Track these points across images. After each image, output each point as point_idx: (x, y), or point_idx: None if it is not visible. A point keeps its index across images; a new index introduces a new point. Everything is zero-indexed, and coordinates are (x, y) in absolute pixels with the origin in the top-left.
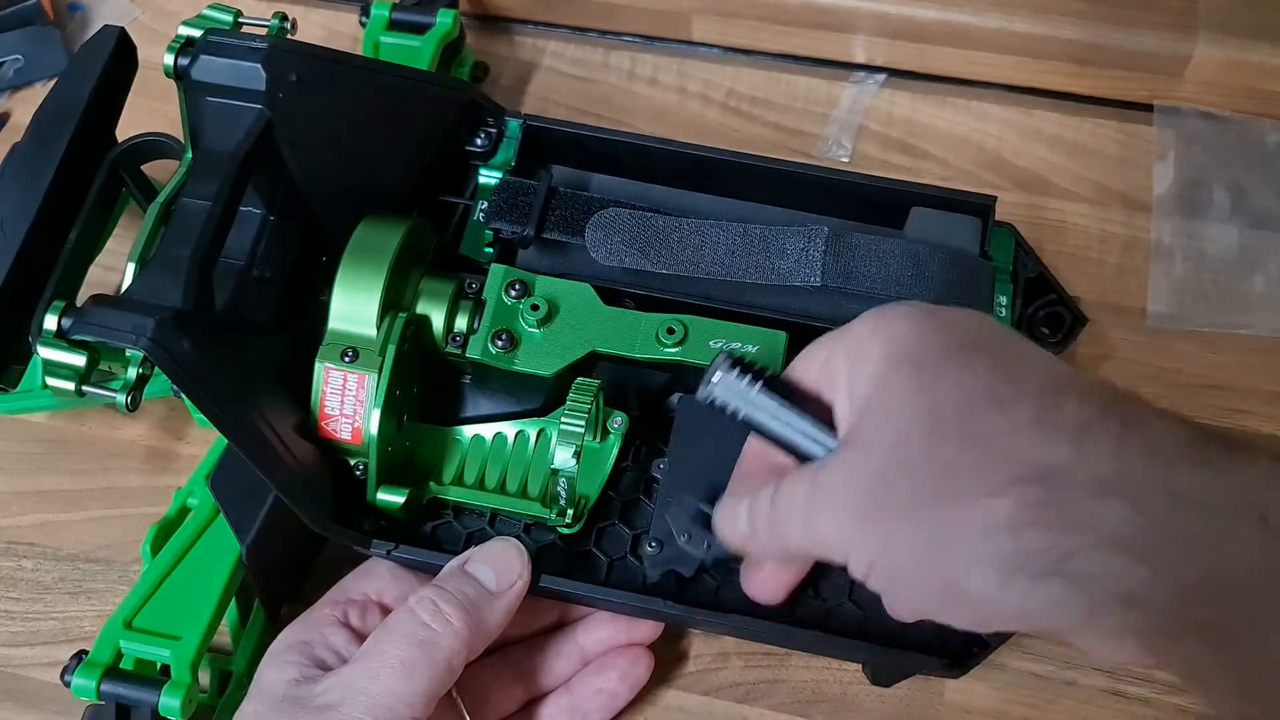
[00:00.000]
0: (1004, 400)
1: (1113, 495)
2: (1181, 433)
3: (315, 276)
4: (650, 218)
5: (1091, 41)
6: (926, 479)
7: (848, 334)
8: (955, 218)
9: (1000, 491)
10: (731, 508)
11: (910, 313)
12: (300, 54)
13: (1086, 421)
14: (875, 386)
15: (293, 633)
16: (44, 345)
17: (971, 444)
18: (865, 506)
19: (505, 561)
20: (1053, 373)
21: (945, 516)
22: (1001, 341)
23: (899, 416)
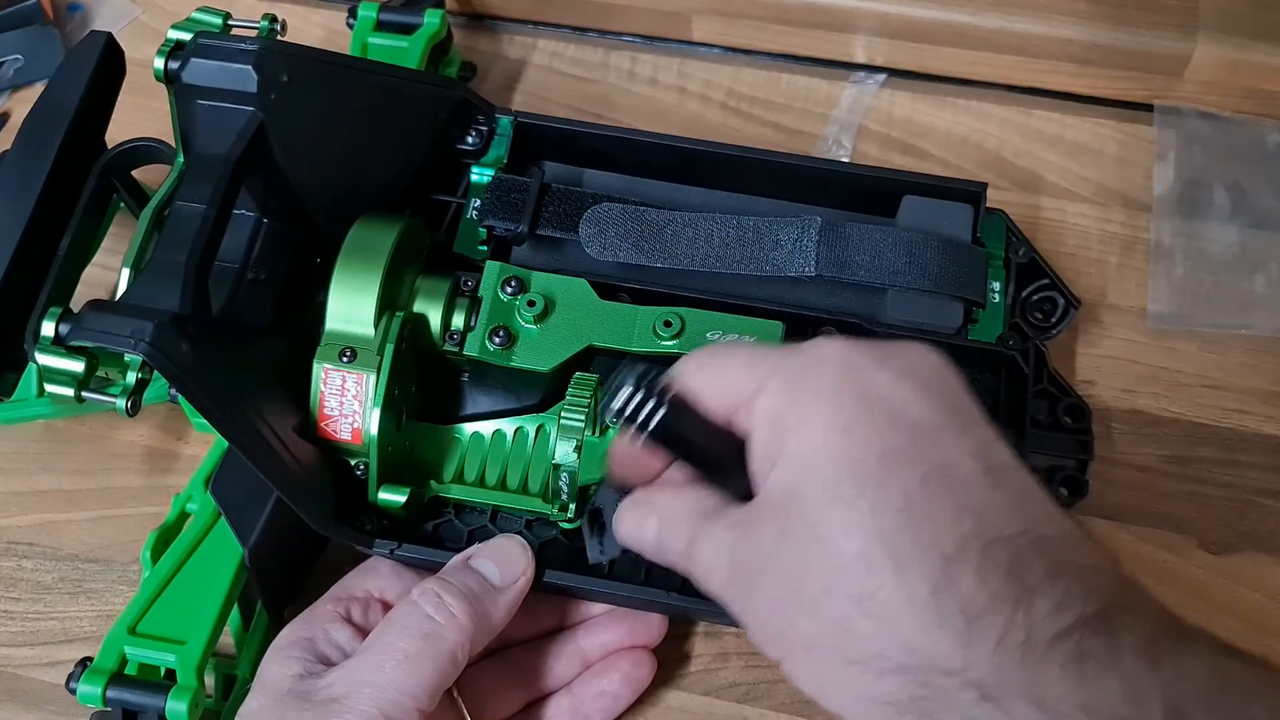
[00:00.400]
0: (903, 563)
1: (987, 703)
2: (1064, 618)
3: (311, 278)
4: (644, 212)
5: (1091, 41)
6: (823, 629)
7: (767, 392)
8: (947, 205)
9: (884, 675)
10: (639, 520)
11: (836, 389)
12: (291, 55)
13: (977, 609)
14: (784, 487)
15: (295, 629)
16: (42, 352)
17: (864, 611)
18: (773, 623)
19: (509, 556)
20: (966, 520)
21: (836, 671)
22: (930, 447)
23: (805, 543)
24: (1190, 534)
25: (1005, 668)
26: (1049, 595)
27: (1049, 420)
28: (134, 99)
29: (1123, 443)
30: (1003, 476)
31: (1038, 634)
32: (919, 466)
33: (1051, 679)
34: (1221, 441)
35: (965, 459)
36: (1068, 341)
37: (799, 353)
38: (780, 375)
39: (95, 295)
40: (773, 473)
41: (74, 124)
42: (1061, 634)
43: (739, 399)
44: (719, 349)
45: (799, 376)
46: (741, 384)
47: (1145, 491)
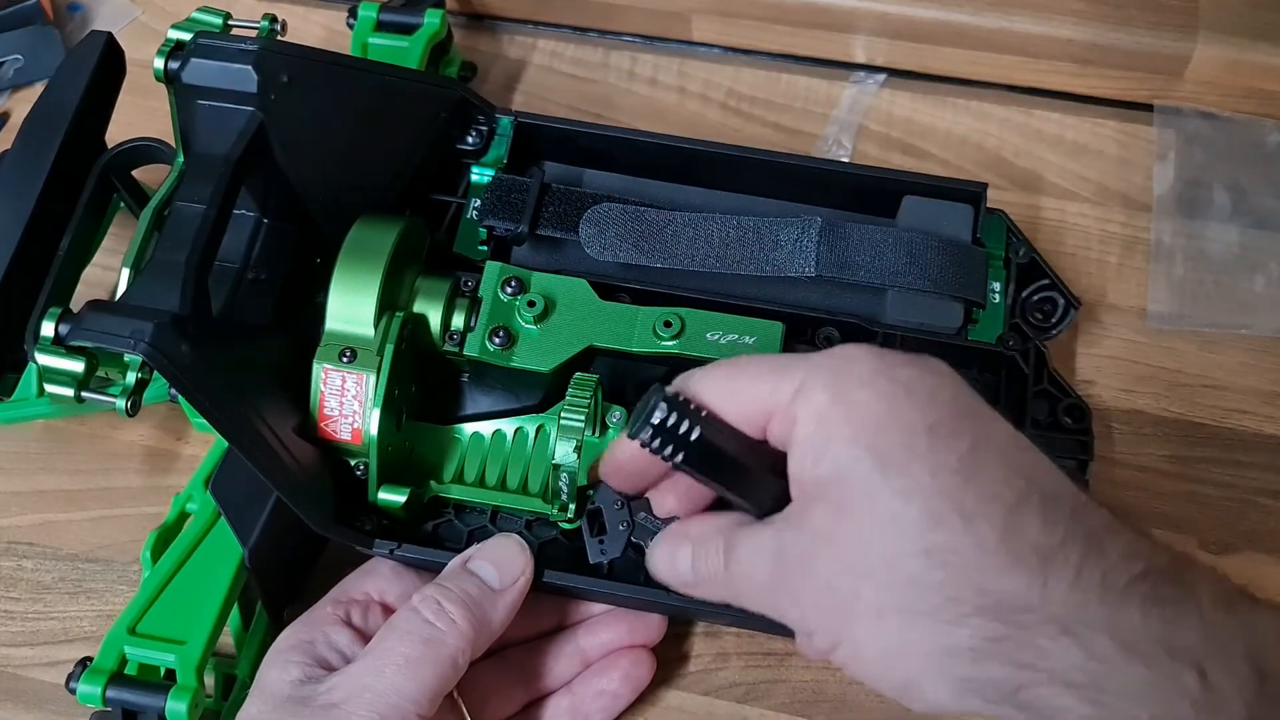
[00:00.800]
0: (969, 514)
1: (1066, 637)
2: (1135, 565)
3: (311, 278)
4: (644, 212)
5: (1091, 41)
6: (891, 589)
7: (805, 392)
8: (947, 205)
9: (962, 620)
10: (672, 551)
11: (874, 379)
12: (291, 55)
13: (1048, 550)
14: (836, 469)
15: (294, 632)
16: (41, 352)
17: (936, 562)
18: (829, 601)
19: (507, 558)
20: (1019, 480)
21: (908, 630)
22: (970, 422)
23: (863, 514)
24: (1190, 534)
25: (1085, 604)
26: (1115, 543)
27: (1049, 420)
28: (134, 99)
29: (1123, 443)
30: (1039, 453)
31: (1114, 575)
32: (965, 437)
33: (1132, 616)
34: (1221, 441)
35: (1006, 432)
36: (1068, 341)
37: (828, 355)
38: (817, 375)
39: (95, 295)
40: (819, 462)
41: (74, 124)
42: (1136, 578)
43: (773, 406)
44: (739, 363)
45: (837, 373)
46: (775, 391)
47: (1145, 491)
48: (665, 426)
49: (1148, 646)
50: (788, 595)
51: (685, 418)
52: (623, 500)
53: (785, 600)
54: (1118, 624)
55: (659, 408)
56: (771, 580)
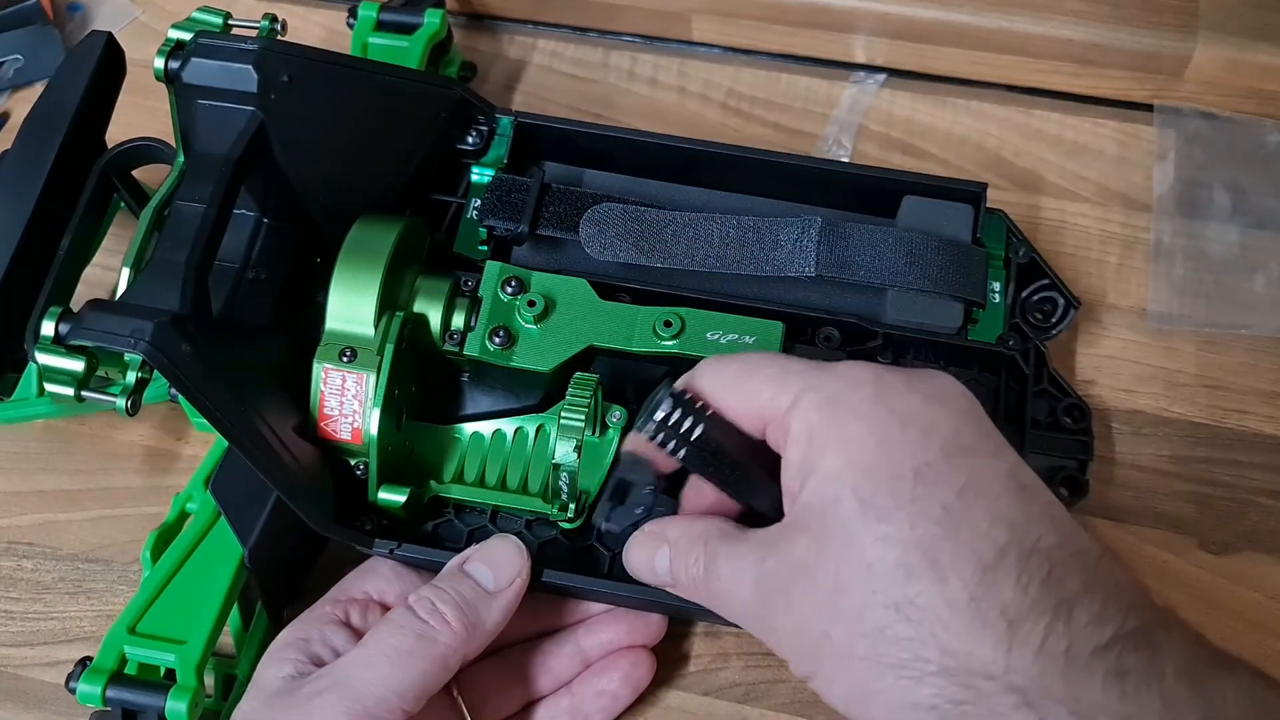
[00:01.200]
0: (943, 570)
1: (1026, 709)
2: (1104, 632)
3: (311, 278)
4: (644, 212)
5: (1091, 41)
6: (861, 636)
7: (800, 410)
8: (947, 205)
9: (926, 679)
10: (650, 551)
11: (871, 410)
12: (291, 55)
13: (1018, 613)
14: (821, 501)
15: (292, 630)
16: (42, 351)
17: (905, 617)
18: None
19: (503, 559)
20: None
21: (875, 679)
22: (963, 462)
23: (841, 555)
24: (1190, 534)
25: (1047, 675)
26: (1087, 607)
27: (1049, 420)
28: (134, 99)
29: (1123, 443)
30: (1034, 495)
31: (1079, 644)
32: (954, 481)
33: (1093, 690)
34: (1221, 441)
35: (998, 476)
36: (1068, 341)
37: (831, 373)
38: (815, 393)
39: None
40: (806, 487)
41: (74, 124)
42: (1103, 647)
43: (771, 412)
44: (751, 361)
45: (834, 396)
46: (775, 399)
47: (1145, 491)
48: (669, 423)
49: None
50: (767, 622)
51: (689, 415)
52: (654, 487)
53: (764, 626)
54: (1077, 697)
55: (664, 404)
56: (752, 604)
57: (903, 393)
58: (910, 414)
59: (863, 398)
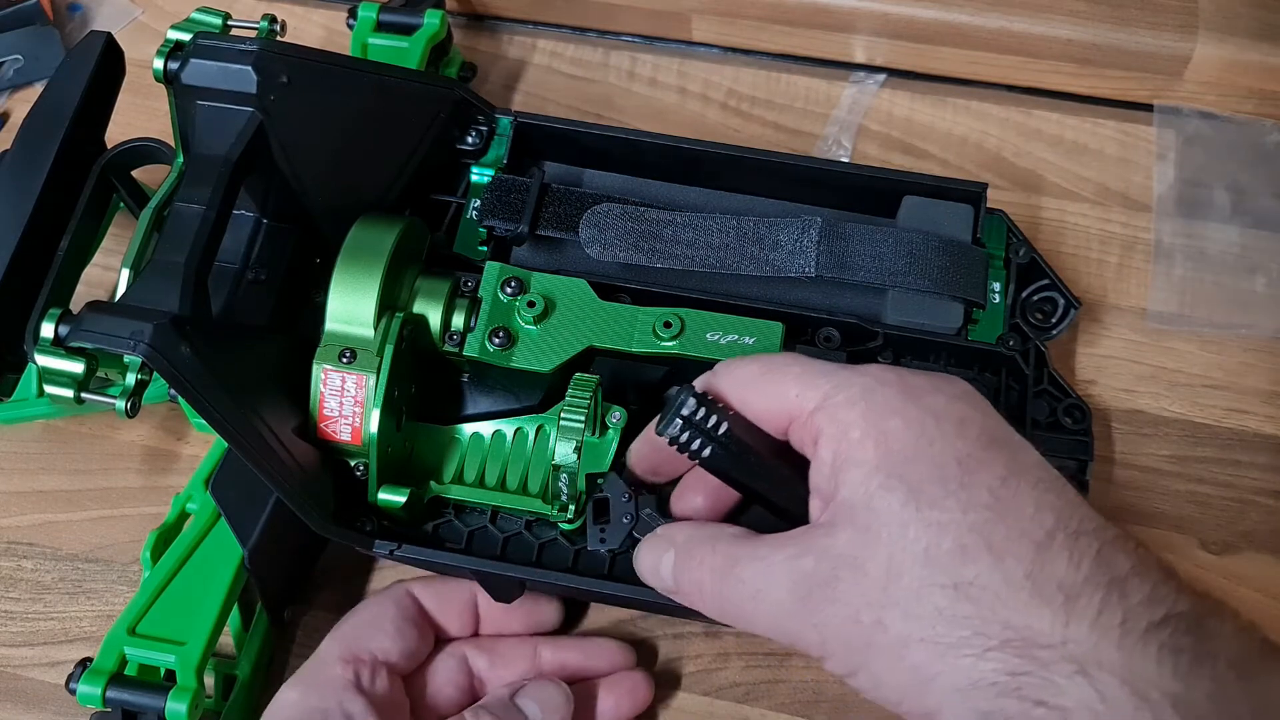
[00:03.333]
0: (999, 550)
1: (1081, 677)
2: (1157, 610)
3: (311, 278)
4: (644, 212)
5: (1091, 41)
6: (919, 621)
7: (831, 409)
8: (947, 205)
9: (987, 654)
10: (657, 554)
11: (904, 407)
12: (290, 56)
13: (1073, 588)
14: (865, 496)
15: (305, 698)
16: (41, 353)
17: (964, 596)
18: (852, 629)
19: (554, 704)
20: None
21: (934, 662)
22: (999, 453)
23: (893, 544)
24: (1190, 534)
25: (1103, 646)
26: (1139, 587)
27: (1049, 421)
28: (134, 99)
29: (1123, 443)
30: (1065, 485)
31: (1133, 620)
32: (995, 469)
33: (1147, 664)
34: (1221, 441)
35: (1032, 467)
36: (1068, 341)
37: (855, 372)
38: (844, 392)
39: (95, 295)
40: (845, 482)
41: (74, 124)
42: (1156, 624)
43: (796, 412)
44: (773, 361)
45: (865, 393)
46: (801, 398)
47: (1145, 491)
48: (693, 422)
49: (1157, 697)
50: (807, 622)
51: (713, 414)
52: (630, 494)
53: (803, 626)
54: (1132, 670)
55: (687, 403)
56: (786, 603)
57: (929, 391)
58: (941, 409)
59: (893, 394)
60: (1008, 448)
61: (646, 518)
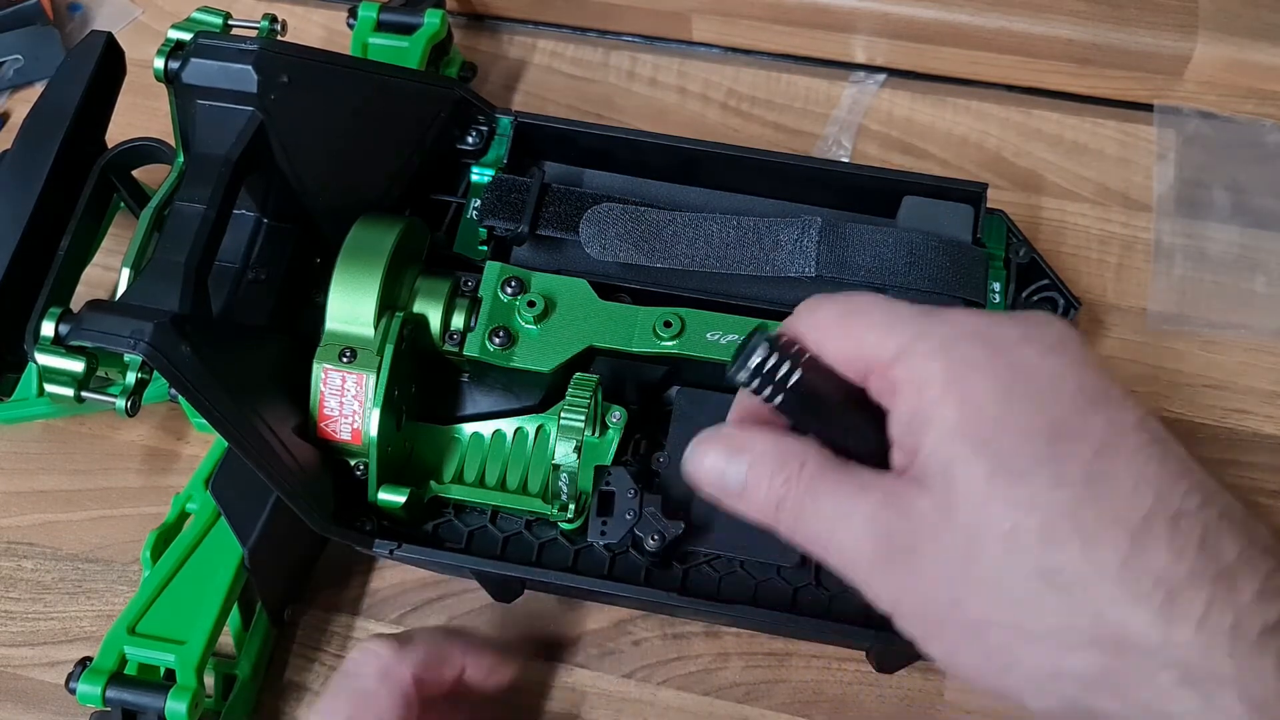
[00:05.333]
0: (1090, 536)
1: (1188, 688)
2: (1272, 609)
3: (311, 278)
4: (644, 212)
5: (1091, 41)
6: (1000, 606)
7: (908, 360)
8: (947, 205)
9: (1076, 648)
10: (723, 455)
11: (990, 363)
12: (291, 55)
13: (1174, 583)
14: (945, 462)
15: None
16: (41, 352)
17: (1052, 585)
18: (927, 601)
19: None
20: (1147, 494)
21: (1015, 648)
22: (1096, 418)
23: (974, 520)
24: None
25: (1212, 652)
26: (1250, 578)
27: None
28: (134, 99)
29: None
30: (1168, 447)
31: (1247, 621)
32: (1090, 440)
33: (1266, 675)
34: (1221, 441)
35: (1133, 429)
36: None
37: (940, 320)
38: (926, 342)
39: (95, 295)
40: (924, 443)
41: (74, 124)
42: (1273, 627)
43: (875, 361)
44: (856, 303)
45: (947, 344)
46: (880, 346)
47: None
48: (764, 369)
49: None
50: (881, 581)
51: (786, 359)
52: (636, 489)
53: (877, 584)
54: (1248, 682)
55: (760, 349)
56: (862, 555)
57: (1019, 343)
58: (1031, 366)
59: (977, 347)
60: (1105, 409)
61: (650, 516)
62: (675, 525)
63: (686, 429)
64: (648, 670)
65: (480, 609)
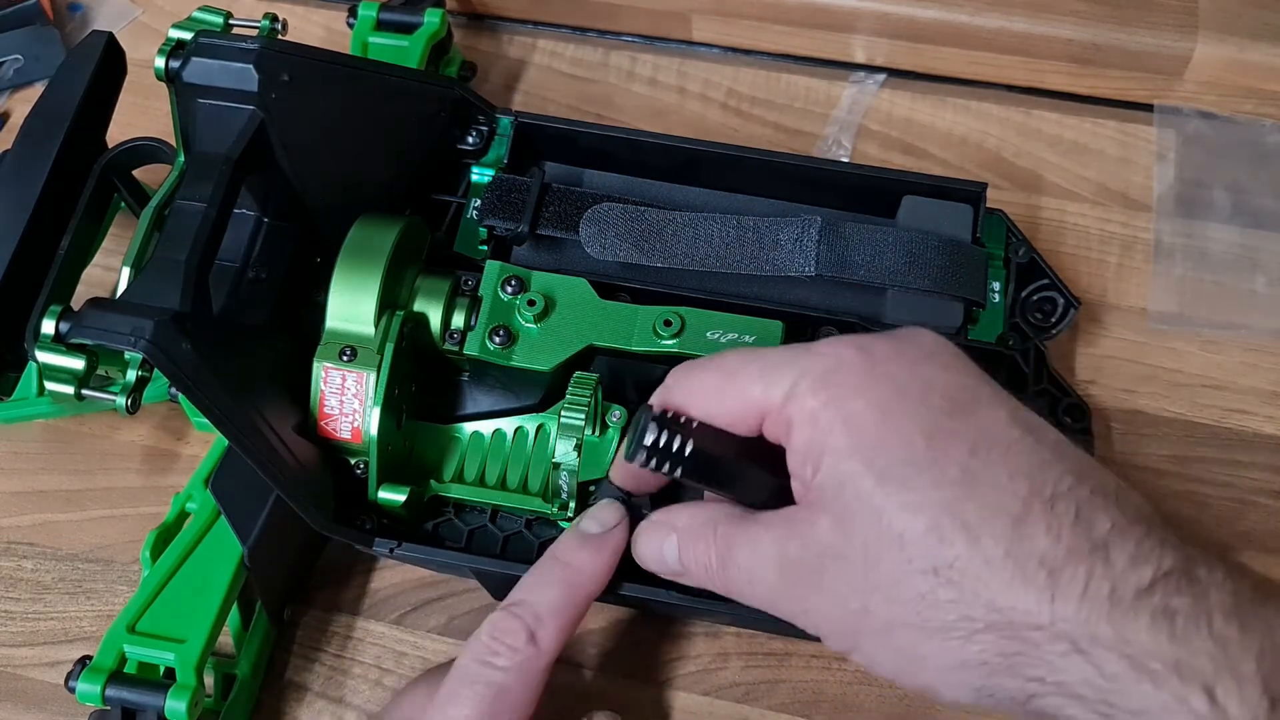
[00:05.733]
0: (974, 529)
1: (1076, 655)
2: (1144, 573)
3: (311, 277)
4: (644, 212)
5: (1091, 41)
6: (901, 605)
7: (798, 398)
8: (946, 205)
9: (973, 637)
10: (659, 541)
11: (867, 385)
12: (291, 54)
13: (1055, 562)
14: (838, 482)
15: None
16: (42, 350)
17: (944, 580)
18: (839, 612)
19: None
20: (1021, 484)
21: (920, 644)
22: (968, 421)
23: (869, 530)
24: (1190, 534)
25: (1093, 620)
26: (1122, 547)
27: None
28: (134, 99)
29: (1122, 443)
30: (1041, 435)
31: (1121, 587)
32: (964, 439)
33: (1140, 633)
34: (1221, 441)
35: (1004, 426)
36: (1068, 341)
37: (815, 355)
38: (807, 379)
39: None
40: (820, 470)
41: (74, 124)
42: (1145, 589)
43: (765, 407)
44: (727, 366)
45: (826, 376)
46: (766, 395)
47: (1145, 491)
48: (658, 447)
49: (1157, 665)
50: (796, 603)
51: (676, 434)
52: (624, 495)
53: (793, 607)
54: (1126, 641)
55: (649, 429)
56: (778, 588)
57: (891, 359)
58: (904, 380)
59: (854, 373)
60: (976, 408)
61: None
62: None
63: None
64: (647, 670)
65: (480, 609)
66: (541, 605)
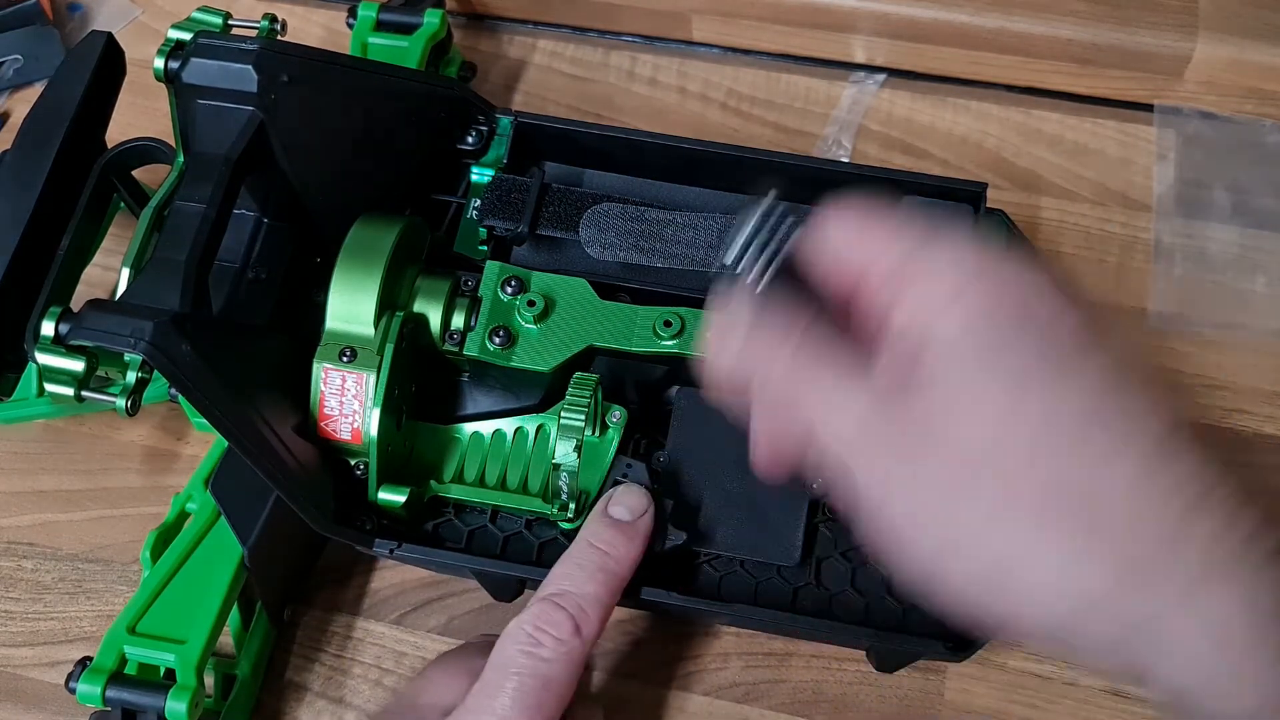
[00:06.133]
0: (1106, 450)
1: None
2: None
3: (311, 278)
4: (644, 212)
5: (1091, 41)
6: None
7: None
8: (947, 205)
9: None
10: (723, 330)
11: (1003, 292)
12: (291, 55)
13: (1193, 498)
14: (962, 376)
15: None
16: (42, 351)
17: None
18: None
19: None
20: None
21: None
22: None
23: (976, 430)
24: None
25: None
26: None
27: None
28: (134, 99)
29: None
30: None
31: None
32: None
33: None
34: (1222, 442)
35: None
36: None
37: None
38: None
39: (95, 295)
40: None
41: (74, 124)
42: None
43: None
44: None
45: (950, 264)
46: (881, 252)
47: None
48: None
49: None
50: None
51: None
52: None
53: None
54: (1254, 598)
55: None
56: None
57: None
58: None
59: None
60: (1109, 338)
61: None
62: (677, 535)
63: (686, 429)
64: (647, 670)
65: (480, 609)
66: (585, 596)
